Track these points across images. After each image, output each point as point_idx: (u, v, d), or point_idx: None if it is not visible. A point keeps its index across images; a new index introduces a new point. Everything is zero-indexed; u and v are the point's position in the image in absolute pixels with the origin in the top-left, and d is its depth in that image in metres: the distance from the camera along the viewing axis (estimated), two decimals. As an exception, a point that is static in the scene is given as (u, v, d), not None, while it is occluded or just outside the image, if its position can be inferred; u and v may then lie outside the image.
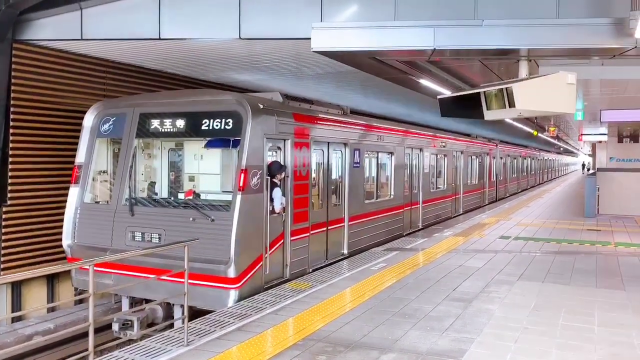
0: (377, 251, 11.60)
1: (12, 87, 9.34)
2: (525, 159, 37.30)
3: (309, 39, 7.92)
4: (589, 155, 63.92)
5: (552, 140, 39.16)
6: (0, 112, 9.17)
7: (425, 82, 11.86)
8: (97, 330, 8.92)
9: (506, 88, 7.76)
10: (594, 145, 35.25)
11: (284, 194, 8.93)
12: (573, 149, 68.69)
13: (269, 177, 8.59)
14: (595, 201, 19.70)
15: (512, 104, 7.71)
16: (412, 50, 8.24)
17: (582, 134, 27.92)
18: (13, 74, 9.34)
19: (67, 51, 10.11)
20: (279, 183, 8.84)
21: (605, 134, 24.58)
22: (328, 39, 8.03)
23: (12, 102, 9.36)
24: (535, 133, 25.87)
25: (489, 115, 8.42)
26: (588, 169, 59.76)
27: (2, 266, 9.35)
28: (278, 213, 8.82)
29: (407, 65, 10.51)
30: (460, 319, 6.72)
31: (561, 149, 62.20)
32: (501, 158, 28.09)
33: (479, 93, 8.42)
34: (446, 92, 11.12)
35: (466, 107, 8.76)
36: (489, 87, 8.26)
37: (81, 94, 10.52)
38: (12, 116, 9.39)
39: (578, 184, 41.65)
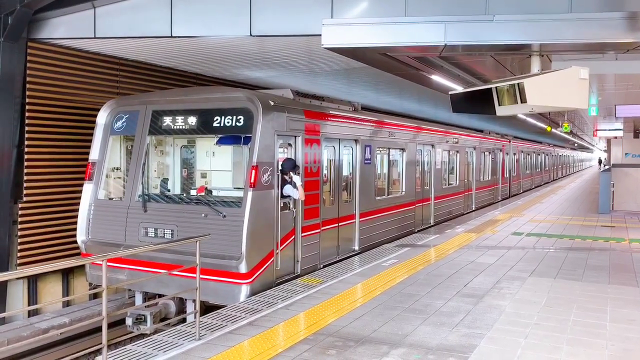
0: (388, 247, 11.60)
1: (27, 86, 9.49)
2: (539, 155, 36.99)
3: (320, 35, 7.94)
4: (604, 151, 63.16)
5: (567, 136, 38.79)
6: (15, 110, 9.32)
7: (436, 78, 11.83)
8: (112, 325, 9.10)
9: (518, 83, 7.72)
10: (609, 141, 34.87)
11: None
12: (588, 145, 67.98)
13: (280, 174, 8.64)
14: (609, 197, 19.51)
15: (524, 100, 7.67)
16: (423, 46, 8.22)
17: (596, 130, 27.62)
18: (28, 72, 9.48)
19: (81, 49, 10.23)
20: (289, 180, 8.88)
21: (620, 130, 24.29)
22: (339, 35, 8.04)
23: (27, 100, 9.51)
24: (548, 129, 25.65)
25: (500, 111, 8.39)
26: (604, 165, 59.01)
27: (18, 261, 9.51)
28: (297, 199, 8.94)
29: (418, 61, 10.49)
30: (470, 315, 6.72)
31: (575, 144, 61.57)
32: (514, 154, 27.90)
33: (490, 89, 8.39)
34: (458, 88, 11.08)
35: (478, 102, 8.73)
36: (500, 83, 8.23)
37: (95, 91, 10.65)
38: (27, 114, 9.54)
39: (592, 181, 41.25)
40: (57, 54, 9.94)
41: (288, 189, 8.82)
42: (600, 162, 74.97)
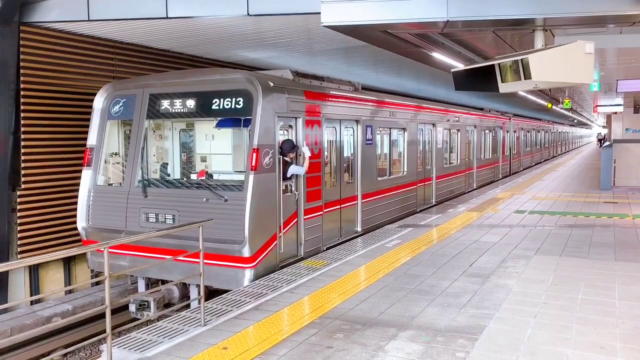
0: (391, 228, 11.55)
1: (21, 71, 9.30)
2: (538, 132, 36.85)
3: (319, 13, 7.73)
4: (603, 126, 62.85)
5: (566, 113, 38.62)
6: (10, 96, 9.14)
7: (437, 55, 11.63)
8: (115, 311, 9.05)
9: (521, 59, 7.55)
10: (609, 117, 34.69)
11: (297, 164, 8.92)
12: (587, 121, 67.75)
13: (281, 156, 8.52)
14: (611, 173, 19.43)
15: (527, 76, 7.52)
16: (425, 22, 8.02)
17: (597, 106, 27.48)
18: (21, 57, 9.27)
19: (75, 33, 10.01)
20: (291, 161, 8.77)
21: (621, 105, 24.16)
22: (338, 12, 7.82)
23: (21, 85, 9.32)
24: (549, 106, 25.48)
25: (503, 87, 8.23)
26: (604, 140, 58.20)
27: (18, 249, 9.42)
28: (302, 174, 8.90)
29: (419, 38, 10.29)
30: (477, 295, 6.66)
31: (575, 121, 61.37)
32: (514, 131, 27.76)
33: (493, 65, 8.23)
34: (459, 65, 10.90)
35: (480, 80, 8.57)
36: (503, 59, 8.06)
37: (90, 75, 10.46)
38: (22, 100, 9.35)
39: (592, 157, 41.18)
40: (51, 37, 9.72)
41: (293, 169, 8.72)
42: (599, 139, 73.19)
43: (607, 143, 27.14)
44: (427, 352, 4.96)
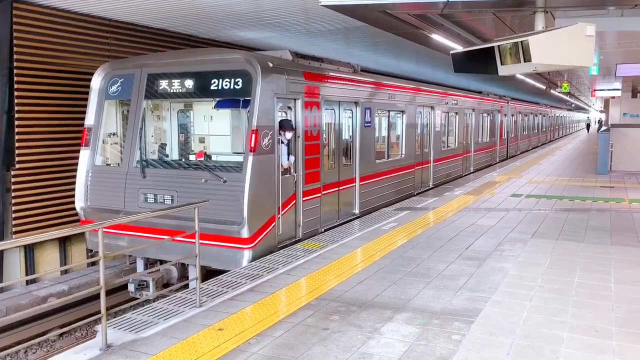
0: (388, 211, 11.55)
1: (15, 49, 9.17)
2: (536, 116, 36.78)
3: (317, -8, 7.64)
4: (601, 111, 62.62)
5: (564, 97, 38.53)
6: (3, 74, 9.03)
7: (436, 37, 11.52)
8: (115, 290, 9.08)
9: (521, 42, 7.48)
10: (606, 101, 34.63)
11: (291, 153, 8.81)
12: (584, 105, 67.59)
13: (280, 138, 8.46)
14: (608, 158, 19.43)
15: (527, 58, 7.46)
16: (424, 2, 7.95)
17: (595, 90, 27.41)
18: (15, 35, 9.14)
19: (69, 10, 9.87)
20: (285, 142, 8.69)
21: (619, 89, 24.09)
22: (337, -8, 7.73)
23: (15, 64, 9.20)
24: (546, 90, 25.38)
25: (503, 70, 8.18)
26: (599, 127, 57.88)
27: (13, 229, 9.39)
28: (285, 169, 8.68)
29: (418, 19, 10.19)
30: (474, 278, 6.68)
31: (572, 105, 61.25)
32: (512, 115, 27.68)
33: (493, 47, 8.16)
34: (458, 48, 10.81)
35: (480, 62, 8.50)
36: (503, 41, 7.98)
37: (84, 54, 10.32)
38: (15, 79, 9.24)
39: (589, 141, 41.18)
40: (45, 15, 9.57)
41: (281, 150, 8.59)
42: (588, 126, 71.11)
43: (604, 127, 27.10)
44: (423, 335, 4.97)
